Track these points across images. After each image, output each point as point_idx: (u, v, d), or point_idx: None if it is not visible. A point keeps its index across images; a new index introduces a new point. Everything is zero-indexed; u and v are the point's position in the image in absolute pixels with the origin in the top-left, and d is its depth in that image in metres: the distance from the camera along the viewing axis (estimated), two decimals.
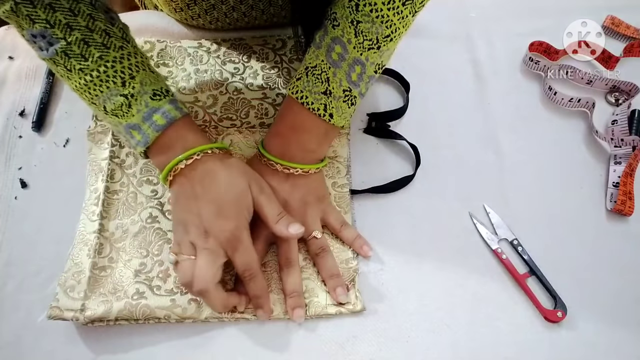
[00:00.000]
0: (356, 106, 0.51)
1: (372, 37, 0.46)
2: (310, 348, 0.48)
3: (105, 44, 0.44)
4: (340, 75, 0.48)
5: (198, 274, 0.45)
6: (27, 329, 0.49)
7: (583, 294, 0.51)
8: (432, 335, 0.49)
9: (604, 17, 0.67)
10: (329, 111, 0.48)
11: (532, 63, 0.64)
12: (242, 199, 0.47)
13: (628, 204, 0.55)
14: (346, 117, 0.50)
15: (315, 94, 0.48)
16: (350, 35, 0.46)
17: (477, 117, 0.61)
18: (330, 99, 0.48)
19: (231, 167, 0.48)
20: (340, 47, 0.47)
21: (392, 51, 0.50)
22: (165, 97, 0.47)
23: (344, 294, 0.49)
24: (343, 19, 0.46)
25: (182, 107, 0.48)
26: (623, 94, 0.63)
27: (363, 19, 0.45)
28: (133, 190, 0.55)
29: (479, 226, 0.54)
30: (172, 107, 0.47)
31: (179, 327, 0.49)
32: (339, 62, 0.47)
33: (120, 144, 0.56)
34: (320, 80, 0.48)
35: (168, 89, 0.48)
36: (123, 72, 0.45)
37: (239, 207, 0.47)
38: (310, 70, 0.48)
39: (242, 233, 0.46)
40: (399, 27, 0.47)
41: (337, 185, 0.55)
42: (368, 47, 0.47)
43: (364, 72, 0.48)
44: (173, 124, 0.46)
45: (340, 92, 0.48)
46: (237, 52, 0.61)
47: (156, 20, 0.65)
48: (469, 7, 0.69)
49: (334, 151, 0.57)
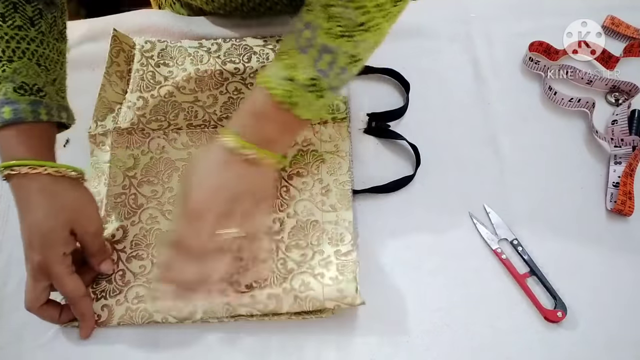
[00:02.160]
0: (325, 101, 0.46)
1: (344, 22, 0.42)
2: (310, 348, 0.48)
3: (4, 16, 0.42)
4: (307, 62, 0.43)
5: (25, 294, 0.45)
6: (27, 329, 0.49)
7: (583, 294, 0.51)
8: (432, 335, 0.49)
9: (604, 17, 0.67)
10: (292, 99, 0.44)
11: (532, 63, 0.64)
12: (52, 235, 0.44)
13: (628, 204, 0.55)
14: (312, 110, 0.46)
15: (280, 79, 0.44)
16: (322, 20, 0.43)
17: (477, 117, 0.61)
18: (294, 86, 0.44)
19: (54, 198, 0.45)
20: (309, 32, 0.43)
21: (372, 46, 0.46)
22: (31, 94, 0.44)
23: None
24: (315, 3, 0.43)
25: (42, 112, 0.45)
26: (623, 94, 0.63)
27: (335, 2, 0.42)
28: (134, 192, 0.55)
29: (479, 226, 0.54)
30: (29, 108, 0.43)
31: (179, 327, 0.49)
32: (307, 47, 0.43)
33: (121, 146, 0.56)
34: (286, 65, 0.44)
35: (42, 89, 0.45)
36: (4, 52, 0.43)
37: (48, 242, 0.44)
38: (279, 55, 0.45)
39: (52, 267, 0.44)
40: (375, 15, 0.43)
41: (338, 182, 0.55)
42: (340, 34, 0.43)
43: (335, 61, 0.44)
44: (18, 125, 0.43)
45: (307, 80, 0.44)
46: (237, 52, 0.61)
47: (157, 20, 0.65)
48: (469, 7, 0.69)
49: (335, 145, 0.57)
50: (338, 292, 0.47)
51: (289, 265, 0.50)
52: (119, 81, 0.59)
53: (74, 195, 0.46)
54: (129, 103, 0.58)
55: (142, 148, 0.57)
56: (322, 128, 0.58)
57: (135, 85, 0.58)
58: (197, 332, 0.49)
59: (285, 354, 0.48)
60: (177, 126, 0.58)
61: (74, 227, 0.45)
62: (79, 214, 0.46)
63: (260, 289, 0.49)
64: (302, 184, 0.55)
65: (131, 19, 0.66)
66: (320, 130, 0.58)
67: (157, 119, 0.58)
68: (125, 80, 0.59)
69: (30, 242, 0.44)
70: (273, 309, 0.48)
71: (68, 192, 0.46)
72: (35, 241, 0.44)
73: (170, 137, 0.58)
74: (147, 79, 0.59)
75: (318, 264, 0.50)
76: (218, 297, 0.48)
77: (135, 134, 0.57)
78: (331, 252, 0.51)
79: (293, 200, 0.54)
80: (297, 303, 0.47)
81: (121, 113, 0.58)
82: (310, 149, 0.57)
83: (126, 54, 0.60)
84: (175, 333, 0.49)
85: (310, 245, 0.52)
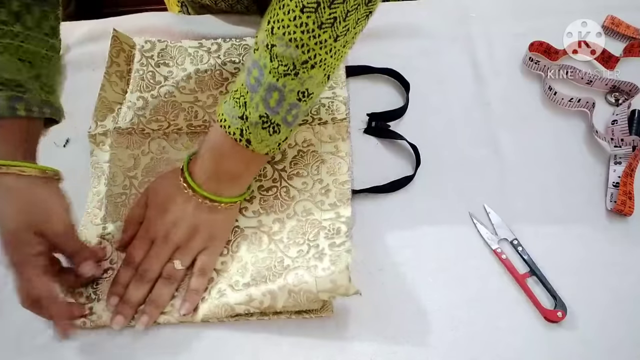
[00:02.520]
0: (283, 134, 0.48)
1: (287, 62, 0.44)
2: (310, 348, 0.48)
3: None
4: (257, 100, 0.46)
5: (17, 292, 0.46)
6: (27, 329, 0.49)
7: (583, 294, 0.51)
8: (432, 335, 0.49)
9: (604, 17, 0.67)
10: (246, 136, 0.47)
11: (532, 63, 0.64)
12: (18, 236, 0.44)
13: (628, 204, 0.55)
14: (269, 145, 0.48)
15: (233, 118, 0.46)
16: (266, 60, 0.44)
17: (477, 117, 0.61)
18: (247, 124, 0.46)
19: (17, 198, 0.44)
20: (257, 70, 0.45)
21: (321, 80, 0.47)
22: (10, 90, 0.44)
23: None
24: (260, 43, 0.45)
25: (19, 108, 0.45)
26: (623, 94, 0.63)
27: (277, 42, 0.44)
28: (135, 192, 0.55)
29: (479, 226, 0.54)
30: (5, 104, 0.44)
31: (180, 327, 0.49)
32: (256, 86, 0.45)
33: (121, 146, 0.57)
34: (239, 104, 0.46)
35: (22, 84, 0.45)
36: None
37: (13, 243, 0.44)
38: (233, 93, 0.47)
39: (19, 267, 0.44)
40: (319, 52, 0.44)
41: (338, 182, 0.55)
42: (284, 73, 0.44)
43: (283, 98, 0.46)
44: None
45: (257, 118, 0.46)
46: (237, 52, 0.61)
47: (157, 20, 0.65)
48: (469, 7, 0.69)
49: (335, 146, 0.57)
50: (331, 283, 0.46)
51: (285, 262, 0.50)
52: (119, 81, 0.59)
53: (41, 196, 0.46)
54: (129, 103, 0.58)
55: (142, 148, 0.57)
56: (322, 129, 0.58)
57: (135, 85, 0.59)
58: (197, 331, 0.49)
59: (285, 353, 0.48)
60: (178, 127, 0.58)
61: (41, 228, 0.45)
62: (46, 215, 0.45)
63: (256, 286, 0.49)
64: (302, 185, 0.55)
65: (132, 20, 0.66)
66: (320, 131, 0.58)
67: (157, 119, 0.58)
68: (125, 80, 0.59)
69: (2, 241, 0.44)
70: (269, 305, 0.47)
71: (34, 192, 0.45)
72: (4, 240, 0.44)
73: (171, 137, 0.58)
74: (147, 79, 0.59)
75: (312, 257, 0.50)
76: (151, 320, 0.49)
77: (136, 134, 0.57)
78: (325, 245, 0.50)
79: (293, 201, 0.54)
80: (292, 297, 0.47)
81: (121, 113, 0.58)
82: (310, 149, 0.57)
83: (126, 54, 0.60)
84: (175, 333, 0.49)
85: (307, 242, 0.51)
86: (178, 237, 0.50)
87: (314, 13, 0.42)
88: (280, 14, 0.43)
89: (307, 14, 0.42)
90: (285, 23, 0.43)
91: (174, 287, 0.50)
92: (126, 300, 0.48)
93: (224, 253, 0.52)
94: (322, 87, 0.48)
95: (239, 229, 0.53)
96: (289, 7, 0.43)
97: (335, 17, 0.43)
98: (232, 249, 0.53)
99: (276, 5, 0.44)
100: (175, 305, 0.50)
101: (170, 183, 0.51)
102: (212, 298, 0.49)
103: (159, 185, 0.52)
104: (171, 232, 0.50)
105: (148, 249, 0.50)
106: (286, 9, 0.43)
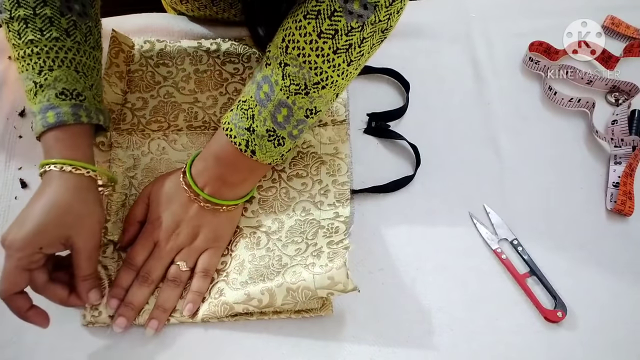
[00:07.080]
0: (287, 146, 0.50)
1: (299, 82, 0.46)
2: (310, 347, 0.48)
3: (42, 30, 0.45)
4: (265, 115, 0.47)
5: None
6: (27, 328, 0.49)
7: (583, 294, 0.51)
8: (432, 335, 0.49)
9: (604, 17, 0.67)
10: (251, 147, 0.48)
11: (532, 63, 0.64)
12: (43, 227, 0.43)
13: (628, 204, 0.55)
14: (273, 156, 0.49)
15: (240, 129, 0.48)
16: (278, 77, 0.46)
17: (477, 117, 0.61)
18: (253, 136, 0.48)
19: (70, 197, 0.44)
20: (267, 86, 0.47)
21: (330, 99, 0.48)
22: (71, 99, 0.46)
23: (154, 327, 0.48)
24: (273, 59, 0.46)
25: (82, 115, 0.46)
26: (623, 94, 0.63)
27: (291, 62, 0.45)
28: (135, 192, 0.55)
29: (479, 226, 0.54)
30: (70, 111, 0.46)
31: (180, 327, 0.49)
32: (265, 101, 0.47)
33: (121, 147, 0.56)
34: (246, 116, 0.48)
35: (81, 94, 0.47)
36: (45, 62, 0.46)
37: (34, 230, 0.43)
38: (241, 104, 0.48)
39: (18, 256, 0.43)
40: (331, 75, 0.46)
41: (337, 183, 0.55)
42: (295, 92, 0.46)
43: (291, 115, 0.47)
44: (61, 127, 0.46)
45: (264, 131, 0.48)
46: (236, 52, 0.61)
47: (156, 20, 0.65)
48: (469, 7, 0.69)
49: (334, 147, 0.57)
50: (329, 280, 0.46)
51: (283, 260, 0.50)
52: (118, 82, 0.59)
53: (91, 207, 0.46)
54: (129, 104, 0.58)
55: (142, 149, 0.57)
56: (322, 130, 0.58)
57: (135, 86, 0.59)
58: (198, 331, 0.49)
59: (285, 353, 0.48)
60: (177, 127, 0.58)
61: (71, 235, 0.44)
62: (84, 225, 0.45)
63: (255, 284, 0.49)
64: (302, 185, 0.55)
65: (132, 20, 0.66)
66: (320, 133, 0.58)
67: (157, 120, 0.58)
68: (124, 80, 0.59)
69: (19, 222, 0.43)
70: (267, 303, 0.47)
71: (87, 199, 0.46)
72: (25, 225, 0.43)
73: (171, 138, 0.58)
74: (146, 79, 0.59)
75: (310, 254, 0.50)
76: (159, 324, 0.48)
77: (135, 134, 0.57)
78: (324, 244, 0.51)
79: (293, 202, 0.54)
80: (290, 295, 0.47)
81: (121, 114, 0.58)
82: (310, 151, 0.57)
83: (125, 55, 0.60)
84: (175, 332, 0.49)
85: (306, 240, 0.52)
86: (181, 239, 0.50)
87: (331, 39, 0.44)
88: (296, 34, 0.45)
89: (323, 40, 0.44)
90: (301, 45, 0.44)
91: (180, 290, 0.50)
92: (128, 302, 0.48)
93: (223, 252, 0.52)
94: (329, 105, 0.50)
95: (238, 229, 0.54)
96: (306, 30, 0.44)
97: (350, 44, 0.45)
98: (231, 248, 0.53)
99: (292, 24, 0.45)
100: (177, 306, 0.50)
101: (172, 185, 0.51)
102: (212, 298, 0.49)
103: (160, 186, 0.52)
104: (174, 234, 0.50)
105: (150, 251, 0.50)
106: (303, 31, 0.44)
